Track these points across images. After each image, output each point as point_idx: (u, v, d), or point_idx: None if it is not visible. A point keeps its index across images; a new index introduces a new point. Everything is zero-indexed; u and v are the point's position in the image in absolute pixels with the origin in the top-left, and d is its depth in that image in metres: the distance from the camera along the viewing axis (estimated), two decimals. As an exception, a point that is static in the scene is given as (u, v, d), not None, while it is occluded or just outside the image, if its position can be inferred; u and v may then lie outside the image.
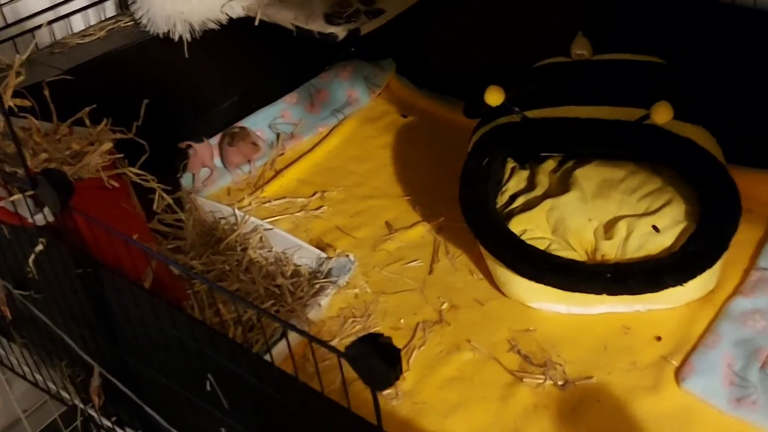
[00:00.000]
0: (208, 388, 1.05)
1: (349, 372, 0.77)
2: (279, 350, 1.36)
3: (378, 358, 0.74)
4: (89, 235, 1.13)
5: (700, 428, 1.26)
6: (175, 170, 1.85)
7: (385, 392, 1.30)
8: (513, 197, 1.64)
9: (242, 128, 1.96)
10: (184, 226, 1.62)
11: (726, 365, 1.33)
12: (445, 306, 1.54)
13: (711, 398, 1.29)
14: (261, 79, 2.12)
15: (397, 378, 0.75)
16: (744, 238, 1.54)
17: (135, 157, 1.39)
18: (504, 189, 1.66)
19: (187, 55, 1.81)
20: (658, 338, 1.42)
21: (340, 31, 1.79)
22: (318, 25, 1.80)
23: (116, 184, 1.30)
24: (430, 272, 1.63)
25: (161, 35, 1.80)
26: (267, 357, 0.95)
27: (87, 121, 1.37)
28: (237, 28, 1.87)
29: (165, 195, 1.36)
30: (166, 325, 1.04)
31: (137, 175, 1.33)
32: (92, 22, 1.87)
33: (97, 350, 1.23)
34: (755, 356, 1.33)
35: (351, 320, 1.52)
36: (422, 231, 1.74)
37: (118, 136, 1.35)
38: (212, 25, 1.83)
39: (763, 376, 1.31)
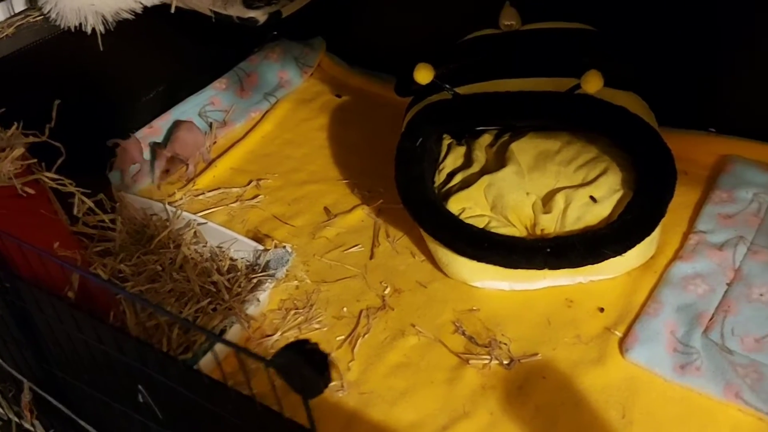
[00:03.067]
0: (141, 399, 1.01)
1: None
2: (217, 351, 1.32)
3: (306, 366, 0.71)
4: (3, 248, 1.07)
5: (646, 398, 1.26)
6: (103, 169, 1.78)
7: (330, 384, 1.27)
8: (451, 175, 1.61)
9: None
10: (113, 226, 1.56)
11: (669, 332, 1.33)
12: (387, 291, 1.52)
13: (655, 367, 1.29)
14: (186, 66, 2.05)
15: (326, 386, 0.72)
16: (681, 201, 1.55)
17: (56, 159, 1.32)
18: (441, 167, 1.63)
19: (102, 48, 1.73)
20: (601, 309, 1.41)
21: (260, 15, 1.73)
22: (237, 10, 1.74)
23: (32, 191, 1.24)
24: (372, 257, 1.60)
25: (73, 29, 1.71)
26: (201, 362, 0.91)
27: (-3, 126, 1.30)
28: (154, 16, 1.79)
29: (85, 198, 1.30)
30: (90, 338, 1.00)
31: (53, 179, 1.26)
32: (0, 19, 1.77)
33: (26, 365, 1.18)
34: (697, 321, 1.33)
35: (293, 312, 1.49)
36: (362, 215, 1.71)
37: (31, 139, 1.28)
38: (126, 15, 1.75)
39: (706, 341, 1.31)
